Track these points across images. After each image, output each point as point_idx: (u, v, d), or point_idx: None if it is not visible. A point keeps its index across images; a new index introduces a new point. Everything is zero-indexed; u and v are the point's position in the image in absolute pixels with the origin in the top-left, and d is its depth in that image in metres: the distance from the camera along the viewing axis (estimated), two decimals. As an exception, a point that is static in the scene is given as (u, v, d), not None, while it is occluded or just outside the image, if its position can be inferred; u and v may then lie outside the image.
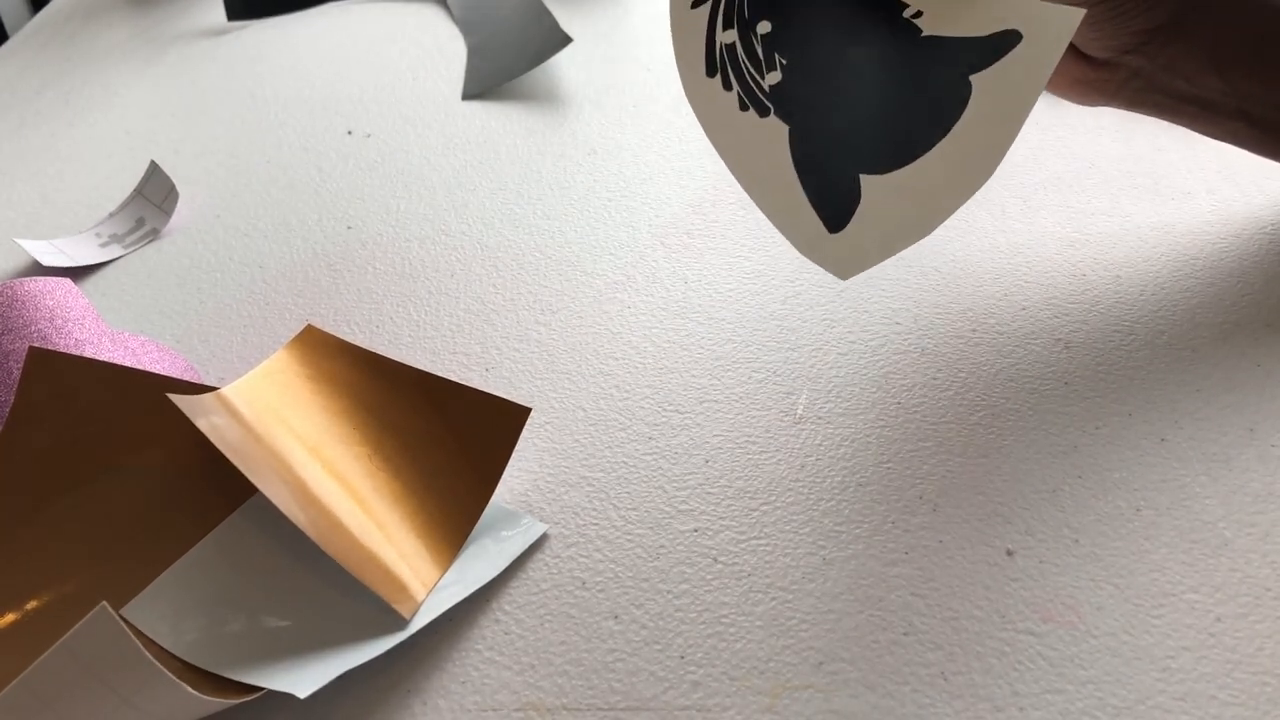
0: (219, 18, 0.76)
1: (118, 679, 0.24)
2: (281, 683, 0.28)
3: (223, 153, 0.59)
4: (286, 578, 0.33)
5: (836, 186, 0.34)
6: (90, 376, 0.34)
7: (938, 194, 0.33)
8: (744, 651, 0.30)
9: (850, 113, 0.35)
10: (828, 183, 0.34)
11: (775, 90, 0.35)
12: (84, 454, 0.34)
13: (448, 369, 0.41)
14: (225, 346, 0.44)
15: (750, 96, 0.36)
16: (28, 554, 0.33)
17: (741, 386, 0.39)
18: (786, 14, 0.35)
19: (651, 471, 0.36)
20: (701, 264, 0.45)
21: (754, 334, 0.41)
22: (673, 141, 0.55)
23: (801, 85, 0.35)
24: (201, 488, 0.34)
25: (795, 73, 0.35)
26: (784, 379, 0.39)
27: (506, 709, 0.29)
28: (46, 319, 0.39)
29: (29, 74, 0.72)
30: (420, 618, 0.31)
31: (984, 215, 0.45)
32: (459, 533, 0.34)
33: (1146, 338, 0.38)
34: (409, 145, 0.57)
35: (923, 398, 0.38)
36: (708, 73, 0.36)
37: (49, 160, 0.61)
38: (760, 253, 0.46)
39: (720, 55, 0.36)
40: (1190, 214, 0.44)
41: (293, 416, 0.35)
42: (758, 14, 0.35)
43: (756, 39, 0.35)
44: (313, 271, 0.48)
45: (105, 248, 0.52)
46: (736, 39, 0.35)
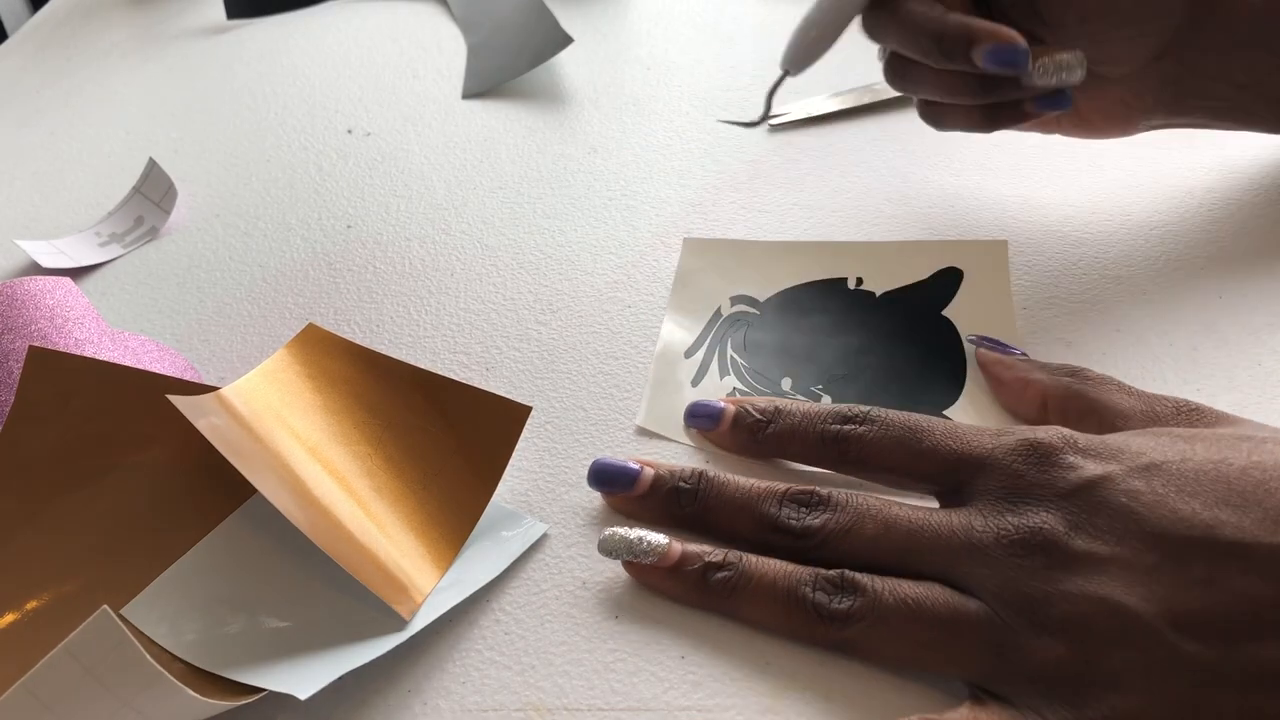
0: (219, 16, 0.76)
1: (119, 682, 0.24)
2: (282, 683, 0.28)
3: (222, 151, 0.59)
4: (286, 578, 0.33)
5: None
6: (90, 376, 0.34)
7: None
8: (745, 652, 0.30)
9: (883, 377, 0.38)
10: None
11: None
12: (84, 453, 0.34)
13: (448, 368, 0.41)
14: (225, 345, 0.44)
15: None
16: (28, 554, 0.33)
17: (742, 386, 0.39)
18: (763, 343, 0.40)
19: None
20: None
21: (754, 334, 0.41)
22: (673, 141, 0.55)
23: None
24: (201, 488, 0.34)
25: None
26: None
27: (507, 709, 0.29)
28: (46, 318, 0.39)
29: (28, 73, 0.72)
30: (420, 618, 0.31)
31: (985, 214, 0.45)
32: (459, 533, 0.34)
33: (1147, 337, 0.38)
34: (409, 144, 0.57)
35: (923, 398, 0.37)
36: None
37: (48, 159, 0.60)
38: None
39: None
40: (1190, 213, 0.43)
41: (292, 416, 0.35)
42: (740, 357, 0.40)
43: (745, 371, 0.39)
44: (313, 270, 0.48)
45: (104, 247, 0.52)
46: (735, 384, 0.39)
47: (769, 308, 0.42)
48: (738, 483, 0.32)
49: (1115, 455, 0.28)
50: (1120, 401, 0.32)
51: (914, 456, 0.31)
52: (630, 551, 0.31)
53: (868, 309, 0.41)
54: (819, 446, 0.33)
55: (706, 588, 0.30)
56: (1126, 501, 0.26)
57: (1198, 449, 0.27)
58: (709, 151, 0.53)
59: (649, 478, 0.33)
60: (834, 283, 0.42)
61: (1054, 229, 0.44)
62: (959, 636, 0.27)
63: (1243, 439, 0.28)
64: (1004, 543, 0.27)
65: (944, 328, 0.39)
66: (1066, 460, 0.28)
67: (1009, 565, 0.27)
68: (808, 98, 0.57)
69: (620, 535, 0.31)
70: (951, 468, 0.30)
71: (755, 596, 0.29)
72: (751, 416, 0.34)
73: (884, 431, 0.31)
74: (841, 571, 0.29)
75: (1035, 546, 0.27)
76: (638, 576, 0.31)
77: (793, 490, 0.31)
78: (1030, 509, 0.28)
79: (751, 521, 0.31)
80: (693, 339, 0.41)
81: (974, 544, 0.28)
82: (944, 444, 0.30)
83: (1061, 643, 0.26)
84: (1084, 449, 0.28)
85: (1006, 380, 0.35)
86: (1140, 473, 0.27)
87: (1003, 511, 0.28)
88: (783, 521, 0.31)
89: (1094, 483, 0.27)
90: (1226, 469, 0.26)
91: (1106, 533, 0.26)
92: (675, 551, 0.31)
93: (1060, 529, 0.27)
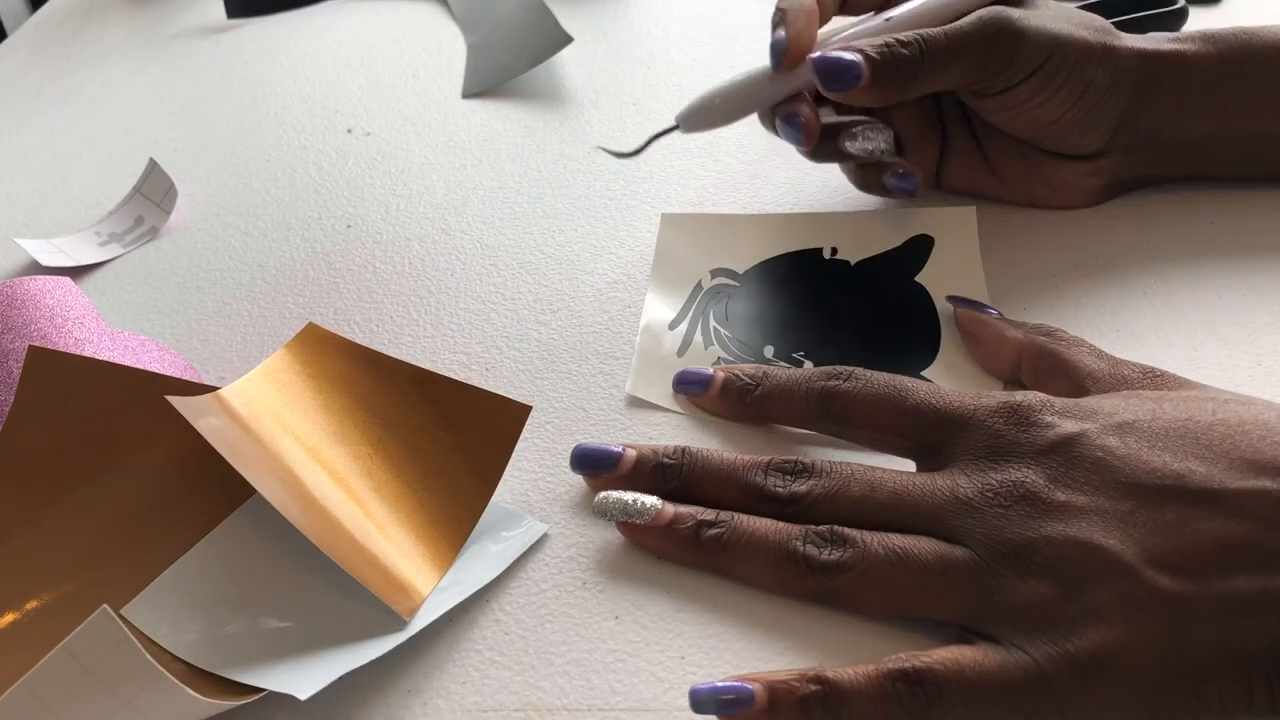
0: (219, 15, 0.76)
1: (119, 682, 0.24)
2: (282, 684, 0.28)
3: (222, 151, 0.59)
4: (287, 578, 0.33)
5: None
6: (90, 376, 0.34)
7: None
8: (744, 652, 0.30)
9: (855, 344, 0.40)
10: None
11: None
12: (84, 453, 0.34)
13: (448, 368, 0.41)
14: (225, 345, 0.44)
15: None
16: (28, 554, 0.33)
17: (742, 386, 0.39)
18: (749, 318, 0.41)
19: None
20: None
21: (754, 334, 0.41)
22: (673, 140, 0.55)
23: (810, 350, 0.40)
24: (201, 487, 0.34)
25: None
26: (784, 379, 0.39)
27: (507, 709, 0.29)
28: (46, 318, 0.39)
29: (28, 72, 0.72)
30: (420, 618, 0.31)
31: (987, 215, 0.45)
32: (459, 533, 0.34)
33: (1147, 337, 0.38)
34: (409, 144, 0.57)
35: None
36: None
37: (48, 159, 0.60)
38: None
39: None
40: (1190, 213, 0.43)
41: (292, 416, 0.35)
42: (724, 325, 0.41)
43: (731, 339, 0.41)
44: (312, 270, 0.48)
45: (104, 246, 0.52)
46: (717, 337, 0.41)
47: (748, 279, 0.43)
48: (722, 455, 0.33)
49: (1090, 415, 0.29)
50: (1090, 363, 0.33)
51: (898, 415, 0.32)
52: (625, 512, 0.32)
53: (843, 277, 0.42)
54: (805, 404, 0.34)
55: (699, 545, 0.31)
56: (1102, 455, 0.28)
57: (1166, 408, 0.29)
58: (709, 151, 0.53)
59: (631, 458, 0.34)
60: (810, 253, 0.44)
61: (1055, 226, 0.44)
62: (946, 581, 0.28)
63: (1207, 399, 0.30)
64: (988, 495, 0.29)
65: (917, 293, 0.41)
66: (1044, 419, 0.30)
67: (994, 515, 0.28)
68: (808, 97, 0.57)
69: (615, 497, 0.32)
70: (934, 426, 0.31)
71: (747, 552, 0.30)
72: (740, 380, 0.35)
73: (868, 388, 0.32)
74: (831, 526, 0.30)
75: (1018, 498, 0.28)
76: (632, 537, 0.32)
77: (776, 460, 0.32)
78: (1012, 465, 0.29)
79: (738, 491, 0.32)
80: (675, 312, 0.42)
81: (959, 499, 0.29)
82: (927, 403, 0.32)
83: (1045, 583, 0.27)
84: (1060, 410, 0.30)
85: (983, 338, 0.37)
86: (1114, 430, 0.29)
87: (985, 469, 0.29)
88: (768, 489, 0.31)
89: (1071, 439, 0.29)
90: (1194, 425, 0.28)
91: (1084, 484, 0.28)
92: (668, 512, 0.31)
93: (1041, 481, 0.28)
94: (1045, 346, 0.35)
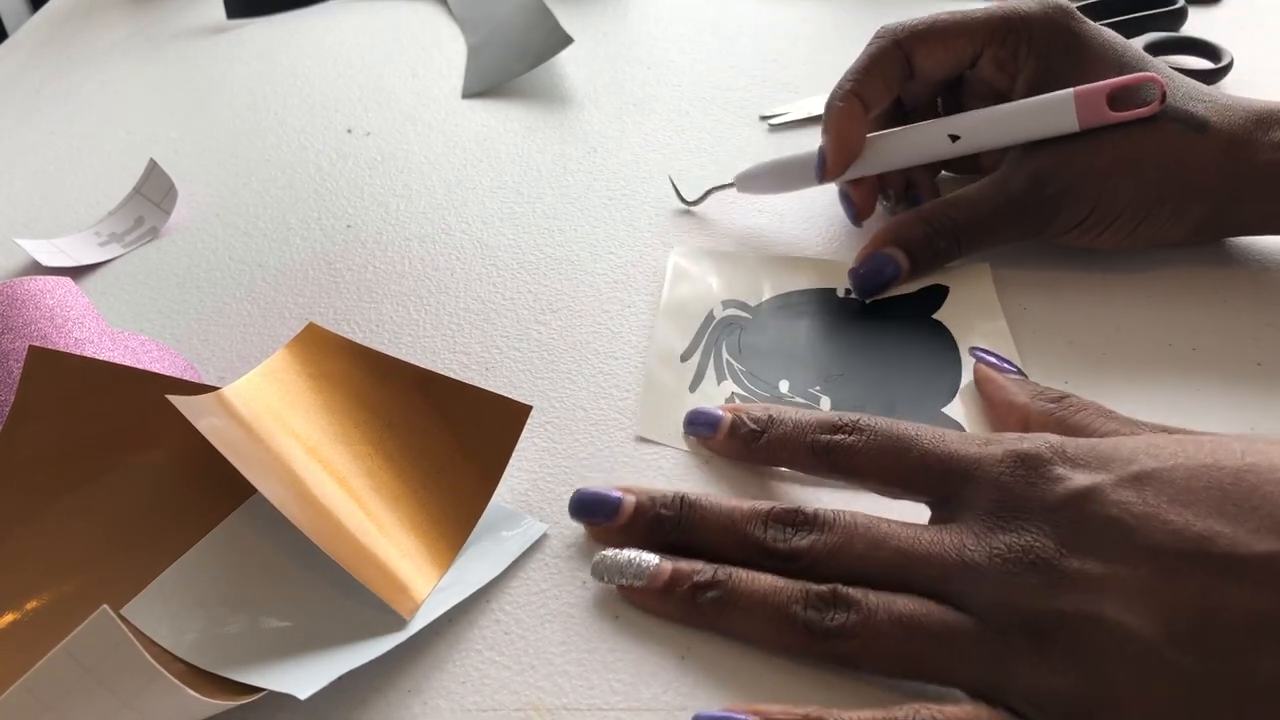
0: (219, 16, 0.76)
1: (119, 682, 0.24)
2: (282, 683, 0.28)
3: (222, 151, 0.59)
4: (286, 578, 0.33)
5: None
6: (90, 376, 0.34)
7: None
8: (745, 653, 0.30)
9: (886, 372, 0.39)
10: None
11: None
12: (84, 453, 0.34)
13: (448, 368, 0.41)
14: (225, 345, 0.44)
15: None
16: (28, 554, 0.33)
17: (742, 386, 0.39)
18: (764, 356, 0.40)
19: (653, 471, 0.36)
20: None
21: (754, 333, 0.41)
22: (673, 141, 0.55)
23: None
24: (202, 488, 0.34)
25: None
26: (784, 379, 0.39)
27: (507, 709, 0.29)
28: (46, 318, 0.39)
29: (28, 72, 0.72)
30: (420, 618, 0.31)
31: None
32: (459, 532, 0.34)
33: (1147, 337, 0.38)
34: (409, 144, 0.57)
35: (923, 398, 0.37)
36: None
37: (48, 159, 0.60)
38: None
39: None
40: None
41: (293, 416, 0.35)
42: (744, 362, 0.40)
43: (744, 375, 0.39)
44: (312, 270, 0.48)
45: (104, 246, 0.52)
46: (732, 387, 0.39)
47: (761, 312, 0.42)
48: (720, 505, 0.32)
49: (1105, 463, 0.27)
50: (1101, 426, 0.32)
51: (903, 468, 0.30)
52: (621, 575, 0.31)
53: (859, 313, 0.41)
54: (809, 455, 0.32)
55: (697, 608, 0.30)
56: (1117, 514, 0.26)
57: (1189, 450, 0.27)
58: (709, 151, 0.53)
59: (630, 506, 0.33)
60: (823, 291, 0.43)
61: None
62: (955, 652, 0.27)
63: (1235, 438, 0.27)
64: (996, 561, 0.27)
65: (937, 329, 0.40)
66: (1054, 472, 0.28)
67: (1002, 583, 0.27)
68: (807, 98, 0.57)
69: (611, 559, 0.31)
70: (941, 478, 0.30)
71: (746, 615, 0.29)
72: (746, 426, 0.34)
73: (872, 441, 0.31)
74: (834, 586, 0.28)
75: (1029, 565, 0.26)
76: (630, 598, 0.31)
77: (778, 510, 0.31)
78: (1021, 525, 0.27)
79: (737, 544, 0.31)
80: (686, 343, 0.41)
81: (966, 562, 0.27)
82: (931, 455, 0.30)
83: (1059, 661, 0.25)
84: (1072, 457, 0.28)
85: (994, 399, 0.36)
86: (1130, 482, 0.27)
87: (993, 529, 0.28)
88: (769, 544, 0.30)
89: (1083, 494, 0.27)
90: (1219, 473, 0.26)
91: (1098, 549, 0.26)
92: (665, 571, 0.30)
93: (1052, 546, 0.26)
94: (1053, 414, 0.33)
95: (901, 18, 0.42)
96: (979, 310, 0.40)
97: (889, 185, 0.46)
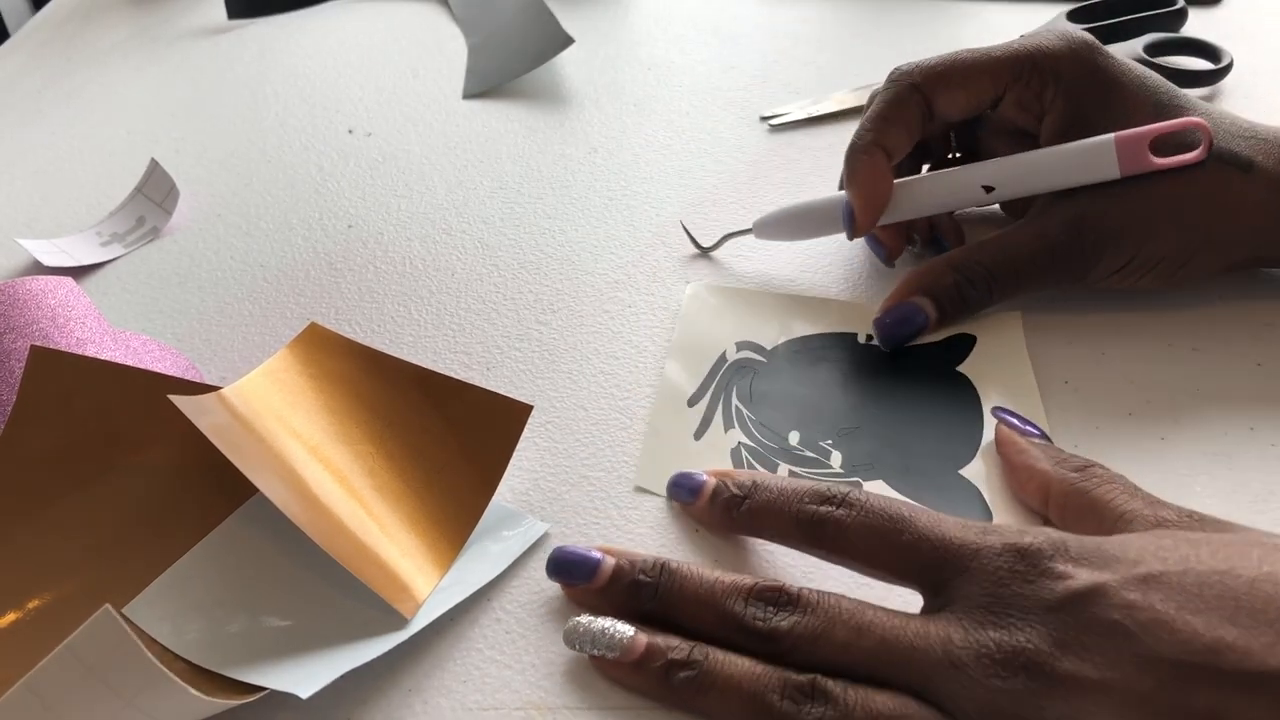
0: (220, 16, 0.76)
1: (121, 681, 0.24)
2: (283, 683, 0.28)
3: (223, 151, 0.59)
4: (288, 577, 0.33)
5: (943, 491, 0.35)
6: (92, 375, 0.34)
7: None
8: (744, 651, 0.30)
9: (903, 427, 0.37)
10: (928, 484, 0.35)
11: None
12: (85, 453, 0.34)
13: (448, 368, 0.41)
14: (226, 345, 0.44)
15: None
16: (28, 554, 0.33)
17: (742, 386, 0.39)
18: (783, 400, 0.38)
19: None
20: (701, 263, 0.46)
21: (754, 333, 0.41)
22: (673, 141, 0.55)
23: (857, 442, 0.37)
24: (202, 487, 0.34)
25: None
26: (784, 379, 0.39)
27: (507, 708, 0.29)
28: (48, 318, 0.39)
29: (30, 72, 0.72)
30: (421, 617, 0.31)
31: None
32: (460, 532, 0.34)
33: (1147, 337, 0.38)
34: (410, 144, 0.57)
35: (923, 397, 0.37)
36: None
37: (50, 159, 0.60)
38: (760, 252, 0.46)
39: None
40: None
41: (294, 416, 0.35)
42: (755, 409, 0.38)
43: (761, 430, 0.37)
44: (314, 270, 0.48)
45: (106, 246, 0.52)
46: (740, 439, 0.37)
47: (776, 355, 0.40)
48: (701, 576, 0.30)
49: (1110, 563, 0.25)
50: (1123, 503, 0.30)
51: (893, 550, 0.28)
52: (594, 645, 0.29)
53: (879, 362, 0.39)
54: (794, 527, 0.30)
55: (670, 686, 0.28)
56: (1120, 618, 0.24)
57: (1203, 554, 0.25)
58: (709, 151, 0.53)
59: (609, 569, 0.31)
60: (843, 335, 0.41)
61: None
62: None
63: (1253, 545, 0.25)
64: (984, 661, 0.25)
65: (959, 382, 0.38)
66: (1056, 568, 0.26)
67: (988, 687, 0.25)
68: (807, 98, 0.57)
69: (585, 627, 0.30)
70: (932, 565, 0.28)
71: (722, 698, 0.27)
72: (728, 491, 0.32)
73: (863, 519, 0.29)
74: (813, 678, 0.27)
75: (1018, 667, 0.24)
76: (601, 670, 0.30)
77: (759, 586, 0.29)
78: (1014, 623, 0.25)
79: (716, 619, 0.29)
80: (695, 386, 0.39)
81: (952, 660, 0.25)
82: (925, 538, 0.28)
83: None
84: (1076, 555, 0.26)
85: (1015, 464, 0.34)
86: (1137, 584, 0.25)
87: (984, 624, 0.26)
88: (748, 622, 0.28)
89: (1084, 595, 0.25)
90: (1234, 581, 0.24)
91: (1097, 653, 0.24)
92: (639, 645, 0.29)
93: (1045, 647, 0.24)
94: (1075, 485, 0.31)
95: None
96: (1007, 363, 0.38)
97: (915, 230, 0.44)
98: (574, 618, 0.30)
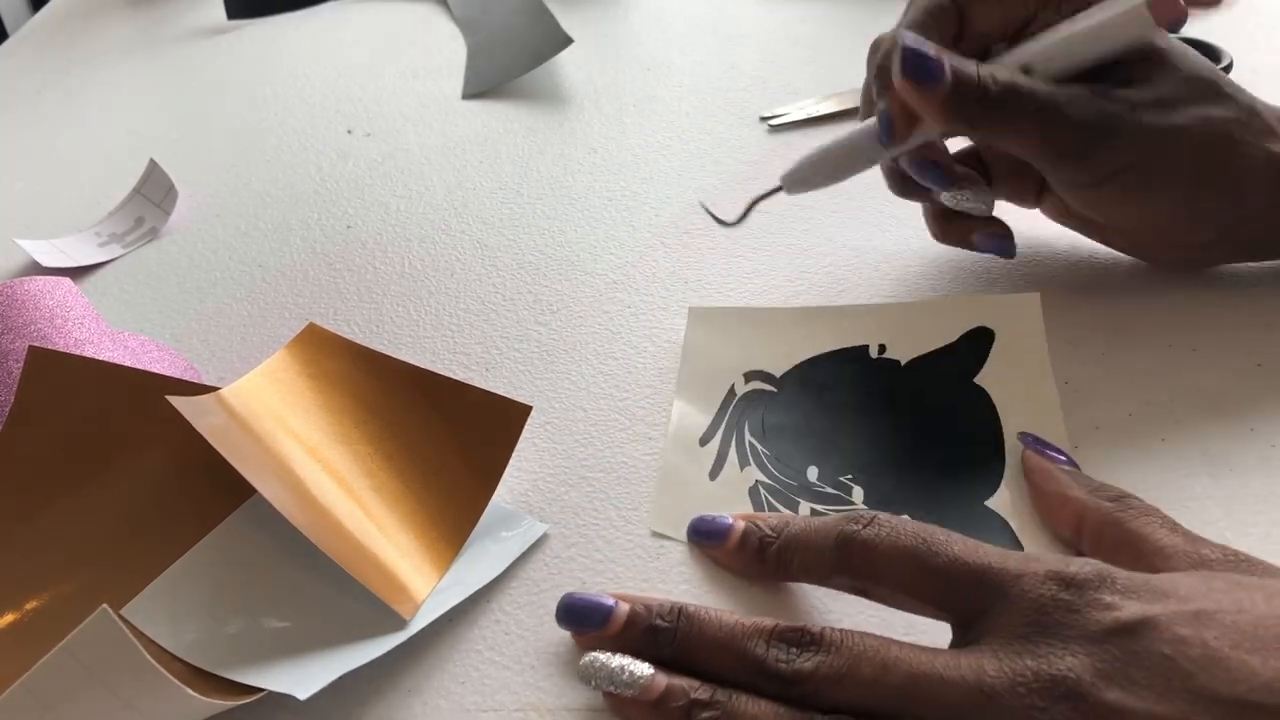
0: (219, 17, 0.76)
1: (119, 682, 0.24)
2: (282, 683, 0.28)
3: (222, 151, 0.59)
4: (286, 578, 0.33)
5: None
6: (90, 376, 0.34)
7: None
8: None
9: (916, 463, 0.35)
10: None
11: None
12: (84, 454, 0.34)
13: (448, 368, 0.41)
14: (225, 345, 0.44)
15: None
16: (28, 554, 0.33)
17: (742, 386, 0.39)
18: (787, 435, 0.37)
19: (651, 471, 0.36)
20: (701, 264, 0.45)
21: (754, 334, 0.41)
22: (673, 141, 0.55)
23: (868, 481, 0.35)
24: (201, 488, 0.34)
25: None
26: (784, 379, 0.39)
27: (507, 709, 0.29)
28: (46, 319, 0.39)
29: (29, 73, 0.72)
30: (420, 618, 0.31)
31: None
32: (459, 533, 0.34)
33: (1147, 337, 0.38)
34: (409, 145, 0.57)
35: (923, 398, 0.37)
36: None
37: (49, 159, 0.60)
38: (760, 252, 0.46)
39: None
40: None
41: (293, 417, 0.35)
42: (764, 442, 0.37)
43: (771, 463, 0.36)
44: (312, 271, 0.48)
45: (104, 247, 0.52)
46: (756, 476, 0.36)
47: (787, 383, 0.38)
48: (720, 619, 0.29)
49: (1160, 597, 0.24)
50: (1162, 538, 0.28)
51: (925, 574, 0.27)
52: (611, 682, 0.28)
53: (894, 380, 0.38)
54: (823, 554, 0.29)
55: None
56: (1170, 652, 0.23)
57: (1257, 599, 0.24)
58: (709, 151, 0.53)
59: (623, 615, 0.30)
60: (855, 351, 0.39)
61: (1056, 229, 0.44)
62: None
63: None
64: (1020, 691, 0.23)
65: (977, 400, 0.36)
66: (1103, 598, 0.24)
67: (1027, 718, 0.23)
68: (807, 98, 0.57)
69: (601, 663, 0.28)
70: (968, 591, 0.26)
71: None
72: (760, 533, 0.31)
73: (892, 538, 0.28)
74: (839, 718, 0.26)
75: (1059, 696, 0.23)
76: (617, 710, 0.28)
77: (781, 628, 0.28)
78: (1055, 651, 0.24)
79: (736, 662, 0.28)
80: (707, 423, 0.37)
81: (984, 692, 0.24)
82: (961, 561, 0.27)
83: None
84: (1124, 587, 0.25)
85: (1045, 491, 0.32)
86: (1189, 620, 0.23)
87: (1021, 652, 0.24)
88: (770, 664, 0.27)
89: (1133, 626, 0.23)
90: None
91: (1145, 687, 0.23)
92: (659, 686, 0.28)
93: (1088, 677, 0.23)
94: (1111, 514, 0.30)
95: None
96: (1026, 370, 0.37)
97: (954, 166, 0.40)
98: (589, 653, 0.29)
